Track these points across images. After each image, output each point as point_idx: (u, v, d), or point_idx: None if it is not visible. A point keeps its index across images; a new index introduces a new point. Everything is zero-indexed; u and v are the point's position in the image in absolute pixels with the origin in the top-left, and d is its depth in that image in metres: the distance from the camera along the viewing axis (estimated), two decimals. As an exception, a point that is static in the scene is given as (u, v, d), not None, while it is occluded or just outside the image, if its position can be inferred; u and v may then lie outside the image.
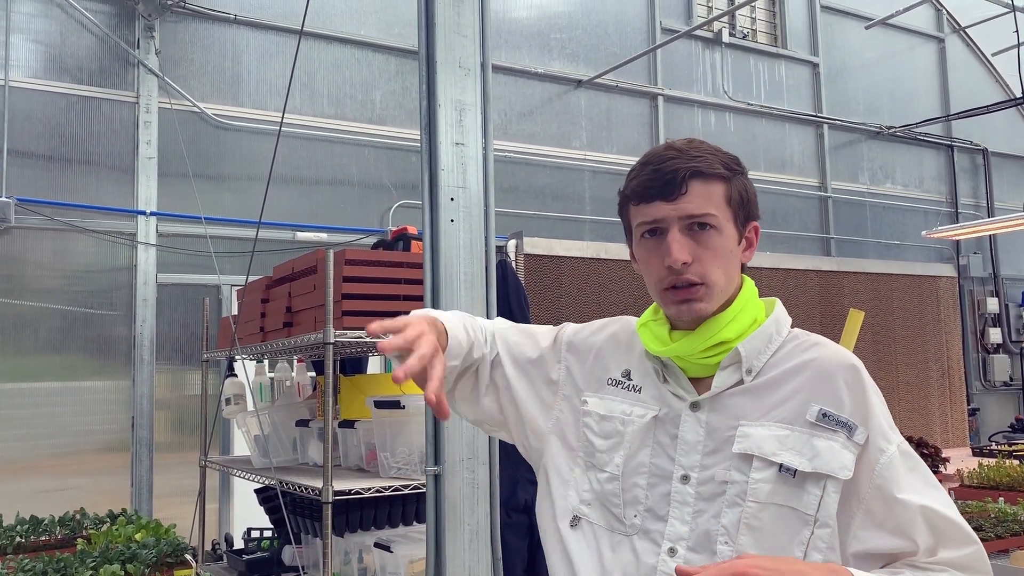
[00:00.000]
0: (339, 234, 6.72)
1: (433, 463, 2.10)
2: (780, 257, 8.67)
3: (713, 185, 1.37)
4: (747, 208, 1.42)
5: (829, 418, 1.32)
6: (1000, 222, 7.52)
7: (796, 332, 1.45)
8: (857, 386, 1.35)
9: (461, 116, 2.16)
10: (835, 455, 1.31)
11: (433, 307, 2.19)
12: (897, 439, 1.35)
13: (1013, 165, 10.97)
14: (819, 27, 9.54)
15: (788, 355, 1.40)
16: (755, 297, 1.44)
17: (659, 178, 1.36)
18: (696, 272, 1.36)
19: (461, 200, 2.15)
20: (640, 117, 8.26)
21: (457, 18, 2.16)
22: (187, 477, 5.92)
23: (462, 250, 2.15)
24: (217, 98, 6.38)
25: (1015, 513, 3.95)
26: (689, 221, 1.36)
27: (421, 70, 2.17)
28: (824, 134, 9.48)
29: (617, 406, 1.46)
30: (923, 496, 1.30)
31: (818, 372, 1.37)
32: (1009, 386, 10.52)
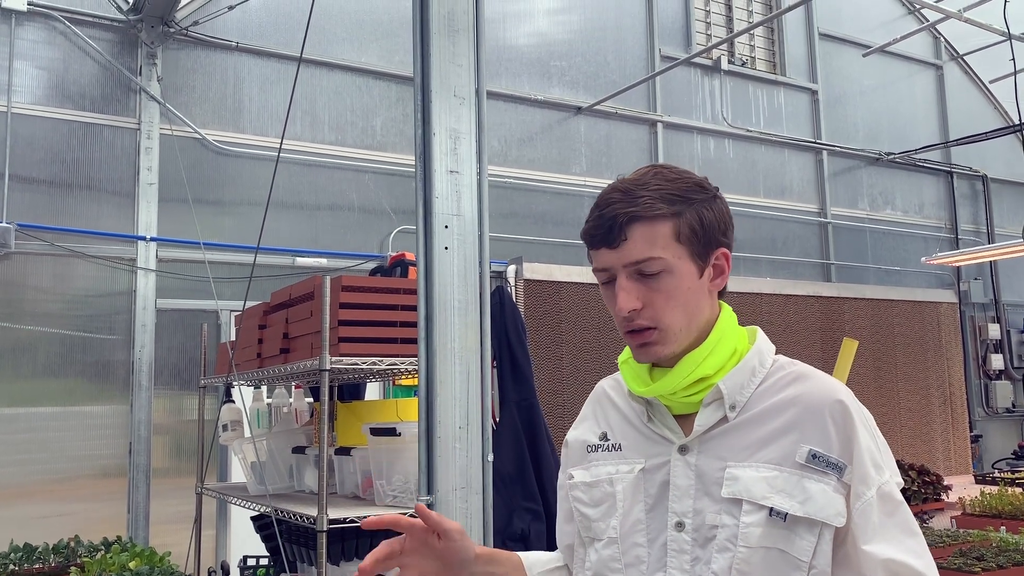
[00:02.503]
0: (339, 259, 6.73)
1: (426, 492, 2.09)
2: (780, 283, 8.67)
3: (658, 226, 1.31)
4: (707, 237, 1.34)
5: (819, 459, 1.28)
6: (998, 248, 7.52)
7: (781, 362, 1.40)
8: (845, 423, 1.30)
9: (456, 144, 2.16)
10: (829, 500, 1.26)
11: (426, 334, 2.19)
12: (880, 480, 1.29)
13: (1013, 191, 10.99)
14: (818, 54, 9.60)
15: (773, 388, 1.36)
16: (733, 326, 1.39)
17: (602, 225, 1.33)
18: (647, 317, 1.33)
19: (455, 227, 2.15)
20: (639, 143, 8.30)
21: (452, 48, 2.18)
22: (184, 503, 5.89)
23: (456, 277, 2.15)
24: (218, 124, 6.41)
25: (1016, 543, 3.92)
26: (632, 267, 1.32)
27: (416, 98, 2.18)
28: (823, 160, 9.51)
29: (602, 469, 1.43)
30: (891, 546, 1.26)
31: (805, 409, 1.32)
32: (1012, 412, 10.47)
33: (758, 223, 8.91)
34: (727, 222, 1.38)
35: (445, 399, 2.12)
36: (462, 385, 2.14)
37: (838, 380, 1.36)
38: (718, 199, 1.38)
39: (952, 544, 4.08)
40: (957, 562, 3.69)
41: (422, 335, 2.17)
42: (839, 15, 9.77)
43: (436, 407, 2.12)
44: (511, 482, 3.38)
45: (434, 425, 2.10)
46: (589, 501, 1.42)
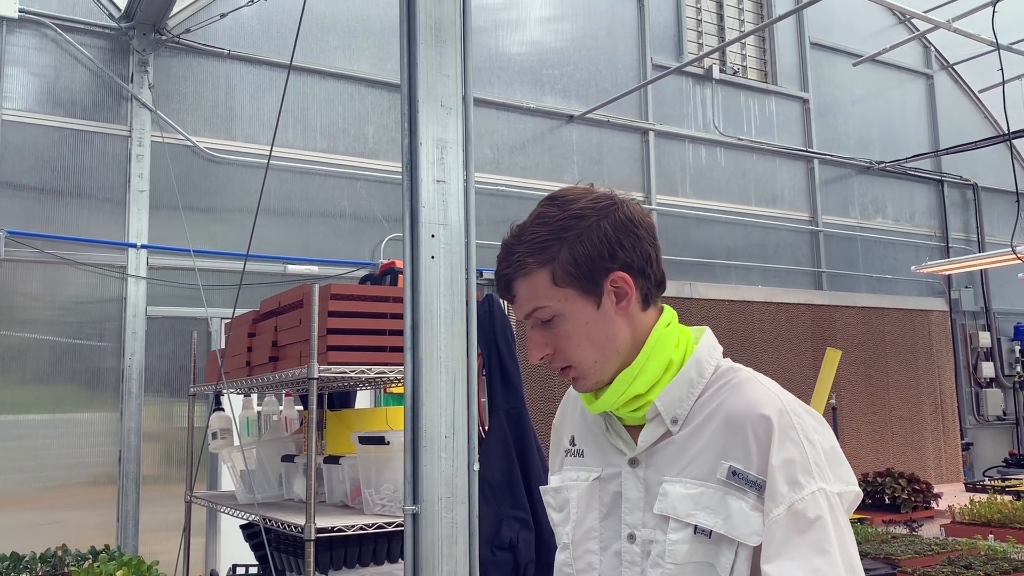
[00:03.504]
0: (330, 267, 6.73)
1: (411, 502, 2.09)
2: (771, 291, 8.70)
3: (534, 277, 1.33)
4: (588, 271, 1.33)
5: (739, 476, 1.26)
6: (986, 258, 7.56)
7: (722, 370, 1.37)
8: (764, 439, 1.26)
9: (443, 154, 2.17)
10: (745, 519, 1.24)
11: (412, 344, 2.19)
12: (794, 497, 1.23)
13: (1003, 200, 11.04)
14: (809, 64, 9.65)
15: (711, 398, 1.34)
16: (663, 342, 1.36)
17: (497, 286, 1.40)
18: (560, 359, 1.36)
19: (442, 237, 2.15)
20: (631, 152, 8.32)
21: (439, 57, 2.19)
22: (174, 511, 5.87)
23: (443, 286, 2.15)
24: (210, 132, 6.41)
25: (1004, 551, 3.93)
26: (530, 317, 1.36)
27: (403, 108, 2.19)
28: (815, 169, 9.55)
29: (569, 474, 1.45)
30: (793, 565, 1.20)
31: (727, 423, 1.30)
32: (1003, 420, 10.50)
33: (749, 231, 8.94)
34: (614, 243, 1.33)
35: (431, 408, 2.12)
36: (448, 394, 2.14)
37: (774, 391, 1.33)
38: (603, 222, 1.34)
39: (940, 552, 4.08)
40: (945, 571, 3.70)
41: (408, 344, 2.17)
42: (830, 24, 9.82)
43: (422, 416, 2.12)
44: (500, 491, 3.37)
45: (420, 434, 2.11)
46: (555, 506, 1.45)
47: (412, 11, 2.20)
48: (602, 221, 1.33)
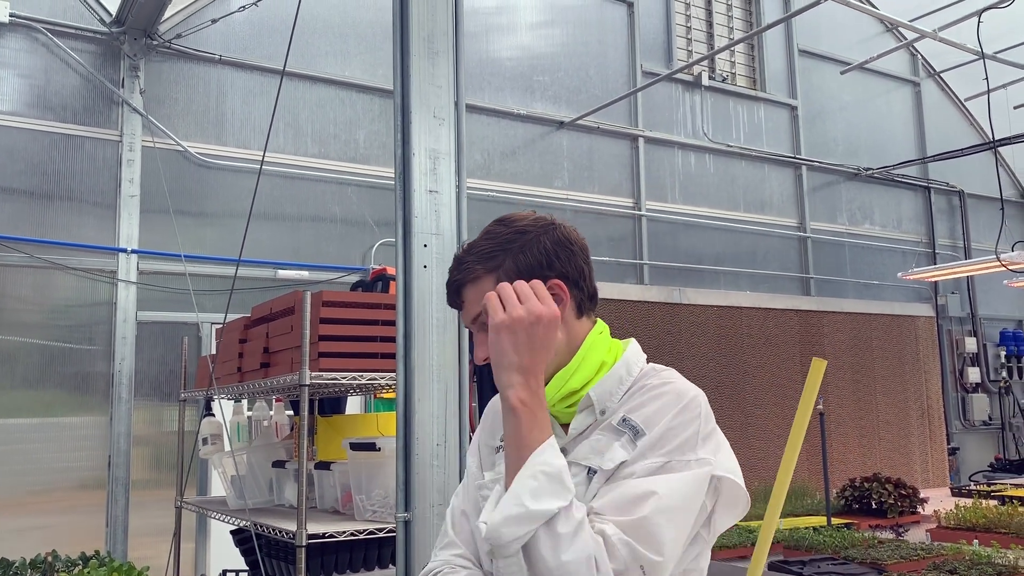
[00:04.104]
0: (320, 272, 6.74)
1: (404, 509, 2.10)
2: (759, 297, 8.75)
3: (481, 283, 1.51)
4: (532, 275, 1.49)
5: (626, 422, 1.43)
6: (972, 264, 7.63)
7: (648, 369, 1.54)
8: (667, 403, 1.43)
9: (435, 164, 2.19)
10: (613, 451, 1.41)
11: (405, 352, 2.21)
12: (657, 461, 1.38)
13: (988, 207, 11.14)
14: (797, 71, 9.72)
15: (635, 393, 1.49)
16: (598, 344, 1.53)
17: (447, 295, 1.58)
18: None
19: (434, 246, 2.18)
20: (621, 158, 8.36)
21: (432, 69, 2.21)
22: (163, 517, 5.86)
23: (435, 295, 2.17)
24: (201, 137, 6.42)
25: (989, 556, 3.97)
26: (476, 322, 1.53)
27: (396, 119, 2.21)
28: (803, 175, 9.62)
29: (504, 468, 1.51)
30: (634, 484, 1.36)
31: (647, 391, 1.47)
32: (988, 425, 10.59)
33: (738, 237, 8.99)
34: (552, 255, 1.52)
35: (423, 416, 2.14)
36: (440, 402, 2.16)
37: (690, 385, 1.49)
38: (542, 236, 1.53)
39: (926, 558, 4.13)
40: (931, 575, 3.74)
41: (400, 352, 2.19)
42: (818, 32, 9.90)
43: (414, 424, 2.14)
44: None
45: (412, 442, 2.13)
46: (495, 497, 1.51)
47: (405, 22, 2.22)
48: (542, 236, 1.53)
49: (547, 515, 1.27)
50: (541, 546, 1.27)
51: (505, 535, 1.29)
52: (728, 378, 8.17)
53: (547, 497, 1.28)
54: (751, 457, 8.05)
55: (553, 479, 1.30)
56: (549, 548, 1.27)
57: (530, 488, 1.29)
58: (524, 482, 1.30)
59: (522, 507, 1.28)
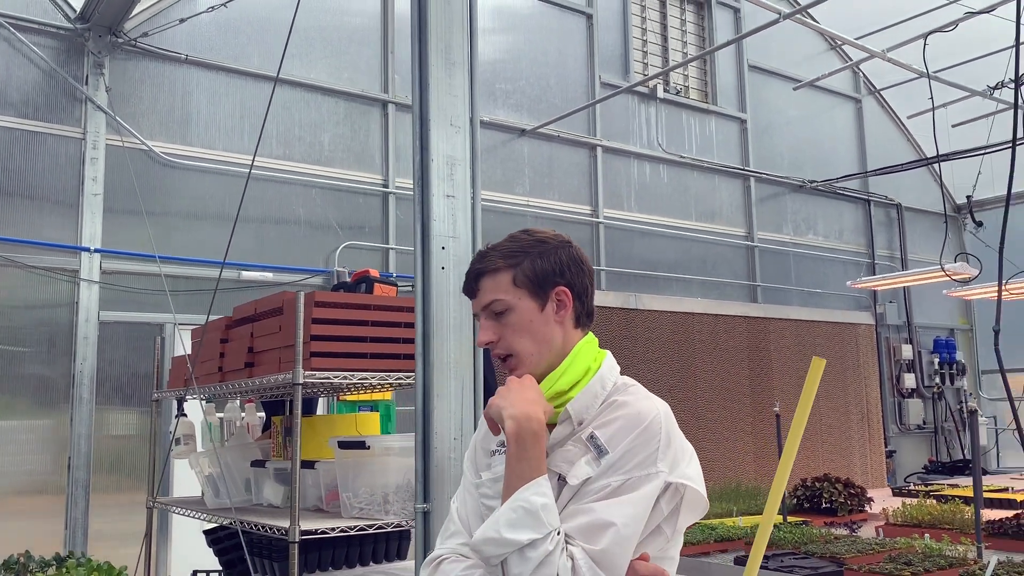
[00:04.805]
0: (285, 274, 6.74)
1: (422, 501, 2.19)
2: (709, 303, 9.01)
3: (499, 276, 1.70)
4: (541, 280, 1.70)
5: (593, 439, 1.60)
6: (917, 274, 7.99)
7: (620, 384, 1.71)
8: (629, 424, 1.60)
9: (452, 170, 2.29)
10: (579, 467, 1.58)
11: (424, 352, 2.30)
12: (617, 480, 1.55)
13: (924, 220, 11.65)
14: (747, 86, 10.04)
15: (608, 407, 1.66)
16: (586, 350, 1.72)
17: (465, 282, 1.77)
18: (503, 347, 1.71)
19: (451, 249, 2.28)
20: (580, 166, 8.54)
21: (449, 79, 2.31)
22: (123, 520, 5.81)
23: (452, 296, 2.27)
24: (166, 136, 6.38)
25: (940, 549, 4.21)
26: (486, 309, 1.71)
27: (415, 126, 2.30)
28: (751, 187, 9.93)
29: (502, 467, 1.66)
30: (600, 506, 1.54)
31: (613, 409, 1.64)
32: (922, 429, 11.05)
33: (690, 245, 9.25)
34: (566, 266, 1.72)
35: (442, 412, 2.24)
36: (457, 398, 2.26)
37: (656, 402, 1.66)
38: (559, 250, 1.73)
39: (881, 551, 4.35)
40: (888, 567, 3.96)
41: (419, 351, 2.28)
42: (767, 48, 10.23)
43: (433, 420, 2.23)
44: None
45: (431, 436, 2.22)
46: (494, 494, 1.65)
47: (423, 34, 2.32)
48: (559, 250, 1.74)
49: (519, 544, 1.48)
50: (512, 566, 1.49)
51: (485, 551, 1.52)
52: (680, 381, 8.40)
53: (522, 529, 1.49)
54: (702, 459, 8.26)
55: (530, 514, 1.50)
56: (518, 568, 1.48)
57: (508, 519, 1.50)
58: (505, 513, 1.52)
59: (498, 534, 1.50)
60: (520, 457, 1.55)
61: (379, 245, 7.28)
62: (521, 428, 1.55)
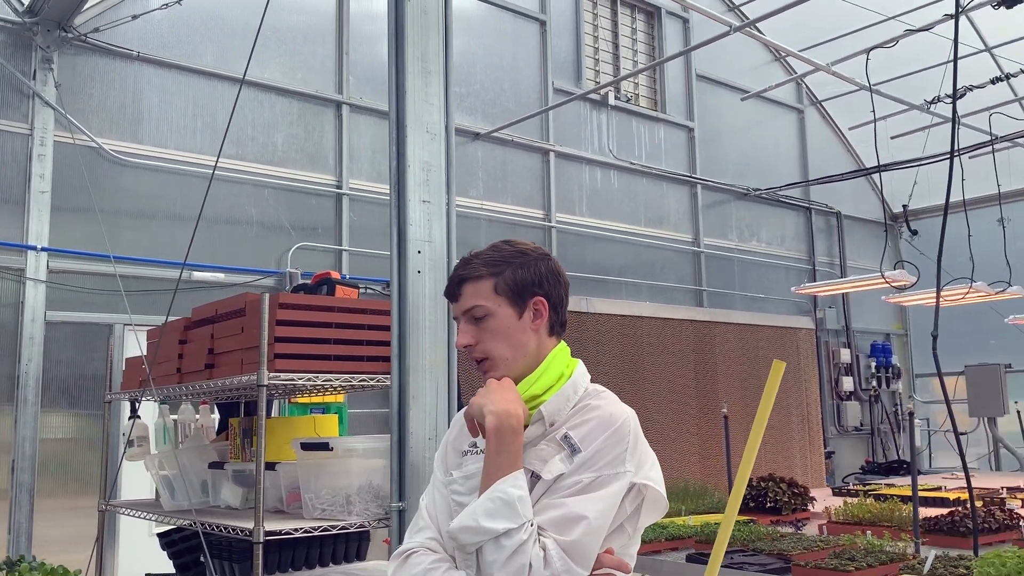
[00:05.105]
0: (237, 274, 6.69)
1: (398, 500, 2.24)
2: (657, 307, 9.19)
3: (481, 283, 1.79)
4: (521, 289, 1.79)
5: (567, 439, 1.70)
6: (858, 281, 8.25)
7: (591, 390, 1.81)
8: (601, 426, 1.70)
9: (428, 176, 2.34)
10: (553, 464, 1.67)
11: (399, 353, 2.35)
12: (588, 477, 1.65)
13: (862, 228, 12.04)
14: (695, 94, 10.26)
15: (579, 410, 1.76)
16: (560, 357, 1.82)
17: (447, 286, 1.85)
18: (480, 351, 1.79)
19: (427, 253, 2.32)
20: (533, 171, 8.63)
21: (425, 88, 2.36)
22: (68, 524, 5.70)
23: (427, 299, 2.32)
24: (116, 134, 6.28)
25: (881, 545, 4.38)
26: (467, 314, 1.79)
27: (391, 133, 2.35)
28: (698, 193, 10.14)
29: (473, 466, 1.77)
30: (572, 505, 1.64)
31: (585, 412, 1.75)
32: (860, 431, 11.41)
33: (639, 250, 9.41)
34: (544, 278, 1.82)
35: (417, 412, 2.28)
36: (431, 399, 2.31)
37: (625, 407, 1.76)
38: (540, 262, 1.83)
39: (826, 548, 4.51)
40: (833, 563, 4.11)
41: (395, 353, 2.32)
42: (714, 59, 10.46)
43: (408, 420, 2.28)
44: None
45: (406, 437, 2.26)
46: (465, 490, 1.75)
47: (400, 43, 2.36)
48: (539, 262, 1.83)
49: (495, 532, 1.57)
50: (487, 553, 1.58)
51: (462, 539, 1.60)
52: (629, 384, 8.54)
53: (499, 518, 1.57)
54: (650, 460, 8.41)
55: (507, 505, 1.59)
56: (493, 555, 1.57)
57: (486, 509, 1.59)
58: (483, 503, 1.60)
59: (475, 522, 1.58)
60: (499, 451, 1.64)
61: (332, 246, 7.27)
62: (501, 424, 1.64)
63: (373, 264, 7.32)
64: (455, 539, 1.61)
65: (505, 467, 1.62)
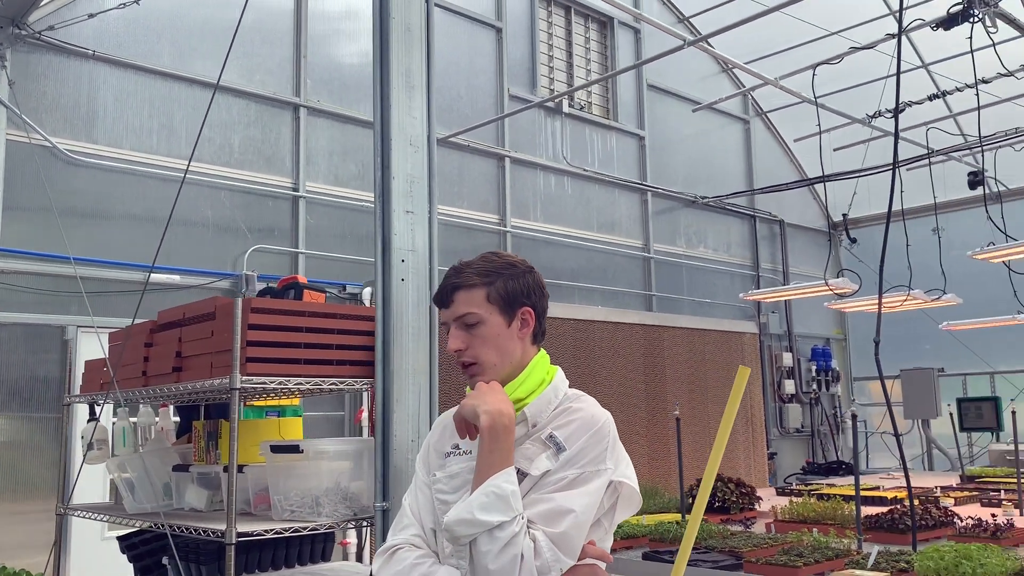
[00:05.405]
0: (192, 276, 6.65)
1: (381, 499, 2.31)
2: (609, 311, 9.36)
3: (473, 291, 1.88)
4: (511, 299, 1.90)
5: (552, 438, 1.81)
6: (804, 288, 8.53)
7: (571, 394, 1.94)
8: (583, 426, 1.82)
9: (411, 187, 2.42)
10: (539, 461, 1.79)
11: (383, 358, 2.43)
12: (573, 473, 1.77)
13: (803, 235, 12.42)
14: (645, 104, 10.48)
15: (563, 412, 1.88)
16: (542, 364, 1.94)
17: (439, 293, 1.94)
18: (469, 355, 1.89)
19: (411, 261, 2.41)
20: (489, 176, 8.74)
21: (409, 101, 2.44)
22: (17, 530, 5.62)
23: (410, 306, 2.40)
24: (70, 133, 6.21)
25: (827, 542, 4.59)
26: (458, 320, 1.89)
27: (376, 144, 2.43)
28: (648, 200, 10.36)
29: (457, 467, 1.88)
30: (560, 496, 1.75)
31: (568, 414, 1.87)
32: (800, 432, 11.76)
33: (591, 255, 9.58)
34: (531, 290, 1.93)
35: (400, 415, 2.36)
36: (414, 402, 2.39)
37: (603, 410, 1.89)
38: (527, 274, 1.94)
39: (774, 545, 4.70)
40: (782, 559, 4.30)
41: (379, 358, 2.40)
42: (664, 69, 10.69)
43: (392, 422, 2.36)
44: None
45: (390, 439, 2.34)
46: (449, 488, 1.86)
47: (385, 58, 2.44)
48: (527, 274, 1.95)
49: (489, 525, 1.66)
50: (481, 544, 1.67)
51: (457, 531, 1.69)
52: (583, 387, 8.50)
53: (493, 512, 1.67)
54: (600, 462, 8.57)
55: (501, 499, 1.68)
56: (487, 546, 1.66)
57: (481, 503, 1.68)
58: (478, 497, 1.69)
59: (471, 515, 1.67)
60: (492, 448, 1.74)
61: (288, 249, 7.27)
62: (495, 422, 1.74)
63: (330, 267, 7.35)
64: (450, 531, 1.70)
65: (498, 463, 1.72)
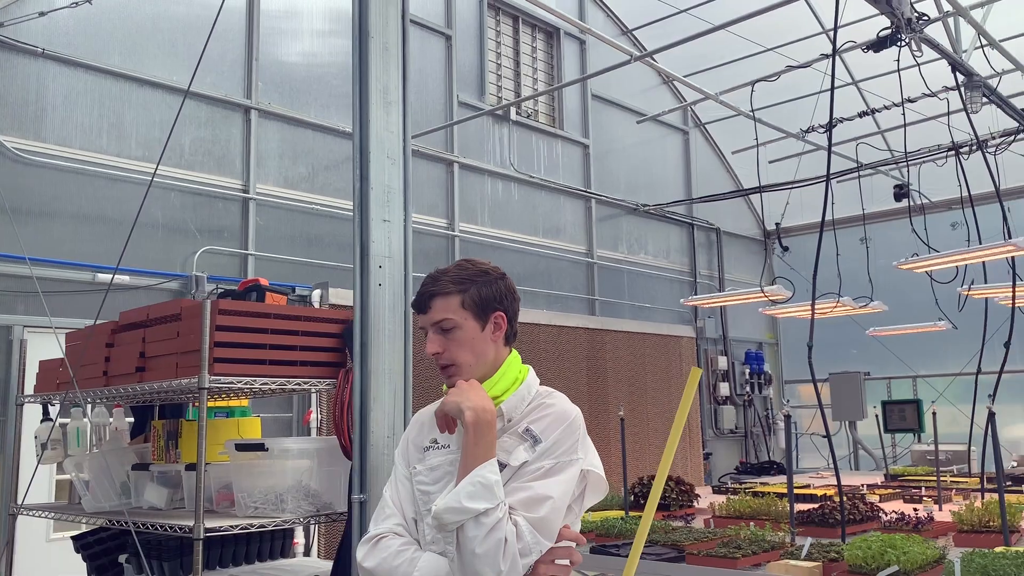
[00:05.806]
0: (141, 277, 6.64)
1: (359, 492, 2.45)
2: (553, 315, 9.57)
3: (449, 298, 2.03)
4: (484, 305, 2.04)
5: (528, 432, 1.97)
6: (740, 294, 8.86)
7: (543, 392, 2.09)
8: (557, 420, 1.98)
9: (388, 198, 2.57)
10: (517, 452, 1.94)
11: (361, 360, 2.57)
12: (562, 458, 1.94)
13: (738, 243, 12.85)
14: (590, 113, 10.74)
15: (536, 408, 2.05)
16: (514, 364, 2.09)
17: (417, 300, 2.08)
18: (447, 358, 2.03)
19: (387, 267, 2.55)
20: (438, 181, 8.88)
21: (386, 117, 2.58)
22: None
23: (387, 310, 2.54)
24: (17, 131, 6.15)
25: (763, 535, 4.86)
26: (435, 325, 2.03)
27: (355, 157, 2.57)
28: (592, 207, 10.63)
29: (434, 460, 2.04)
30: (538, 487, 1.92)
31: (542, 409, 2.03)
32: (735, 433, 12.17)
33: (537, 260, 9.79)
34: (503, 295, 2.08)
35: (377, 414, 2.50)
36: (390, 401, 2.53)
37: (573, 406, 2.05)
38: (499, 281, 2.09)
39: (714, 539, 4.95)
40: (722, 551, 4.55)
41: (357, 359, 2.54)
42: (608, 79, 10.96)
43: (369, 420, 2.50)
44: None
45: (367, 435, 2.48)
46: (430, 480, 2.00)
47: (364, 75, 2.59)
48: (499, 281, 2.10)
49: (475, 512, 1.81)
50: (468, 530, 1.81)
51: (445, 518, 1.83)
52: (527, 389, 8.87)
53: (479, 500, 1.81)
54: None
55: (486, 488, 1.83)
56: (474, 531, 1.80)
57: (468, 492, 1.82)
58: (465, 487, 1.83)
59: (459, 503, 1.81)
60: (476, 442, 1.89)
61: (238, 251, 7.30)
62: (478, 417, 1.90)
63: (280, 269, 7.40)
64: (439, 519, 1.84)
65: (482, 455, 1.88)
